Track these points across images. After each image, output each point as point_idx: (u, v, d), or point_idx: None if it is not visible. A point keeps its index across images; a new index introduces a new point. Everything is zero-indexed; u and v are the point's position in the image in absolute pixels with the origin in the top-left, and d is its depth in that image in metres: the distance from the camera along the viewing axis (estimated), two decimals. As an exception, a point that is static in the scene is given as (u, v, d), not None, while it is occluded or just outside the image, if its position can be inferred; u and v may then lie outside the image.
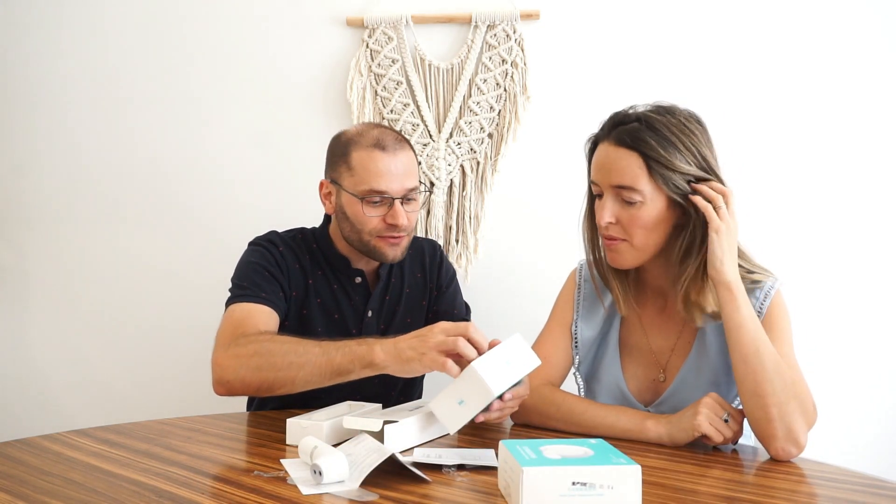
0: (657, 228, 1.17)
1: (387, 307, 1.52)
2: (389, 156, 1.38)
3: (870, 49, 1.83)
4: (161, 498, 0.85)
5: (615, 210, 1.17)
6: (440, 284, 1.59)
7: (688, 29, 1.87)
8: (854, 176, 1.84)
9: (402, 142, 1.43)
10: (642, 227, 1.16)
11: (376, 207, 1.38)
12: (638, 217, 1.15)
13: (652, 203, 1.15)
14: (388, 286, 1.52)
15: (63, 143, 2.10)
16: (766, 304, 1.17)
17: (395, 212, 1.37)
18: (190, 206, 2.05)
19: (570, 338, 1.34)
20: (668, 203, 1.15)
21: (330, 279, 1.48)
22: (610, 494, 0.78)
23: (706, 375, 1.21)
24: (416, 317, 1.55)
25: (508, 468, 0.83)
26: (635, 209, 1.15)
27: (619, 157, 1.15)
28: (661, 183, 1.13)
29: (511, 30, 1.88)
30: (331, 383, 1.16)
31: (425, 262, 1.59)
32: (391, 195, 1.37)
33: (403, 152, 1.41)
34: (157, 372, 2.07)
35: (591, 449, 0.86)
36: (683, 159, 1.13)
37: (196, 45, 2.03)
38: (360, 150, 1.39)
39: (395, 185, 1.38)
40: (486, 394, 1.01)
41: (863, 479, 0.96)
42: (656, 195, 1.15)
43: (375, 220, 1.38)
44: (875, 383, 1.80)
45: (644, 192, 1.14)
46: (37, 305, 2.14)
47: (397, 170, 1.38)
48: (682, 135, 1.14)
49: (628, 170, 1.14)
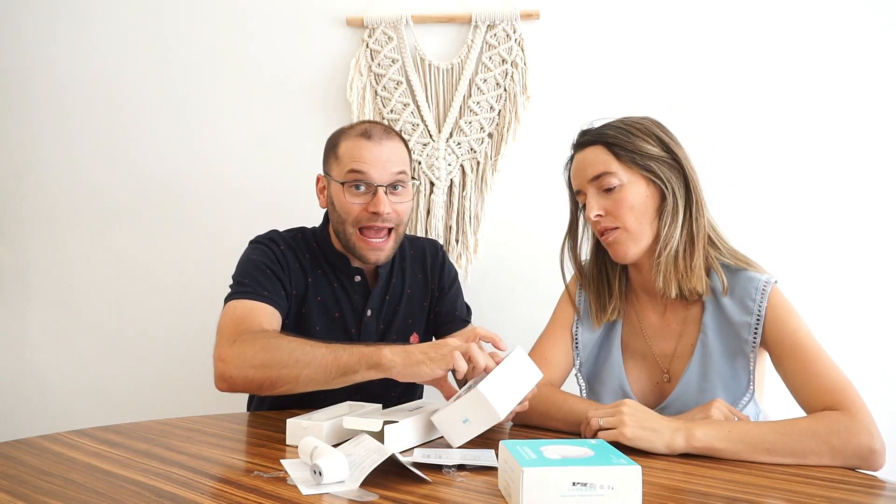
0: (644, 211, 1.22)
1: (387, 307, 1.51)
2: (374, 143, 1.39)
3: (869, 49, 1.83)
4: (161, 498, 0.85)
5: (600, 202, 1.22)
6: (442, 286, 1.59)
7: (687, 29, 1.88)
8: (853, 176, 1.84)
9: (391, 133, 1.43)
10: (629, 209, 1.21)
11: (359, 195, 1.38)
12: (622, 199, 1.21)
13: (631, 184, 1.21)
14: (388, 286, 1.52)
15: (62, 145, 2.10)
16: (765, 305, 1.17)
17: (378, 199, 1.37)
18: (190, 207, 2.05)
19: (570, 339, 1.34)
20: (646, 182, 1.21)
21: (330, 278, 1.48)
22: (610, 495, 0.78)
23: (711, 379, 1.20)
24: (417, 318, 1.55)
25: (509, 468, 0.83)
26: (617, 193, 1.21)
27: (586, 155, 1.24)
28: (631, 163, 1.21)
29: (511, 30, 1.88)
30: (335, 385, 1.16)
31: (427, 262, 1.58)
32: (373, 181, 1.37)
33: (390, 142, 1.41)
34: (157, 372, 2.07)
35: (591, 449, 0.86)
36: (644, 140, 1.22)
37: (195, 46, 2.03)
38: (347, 139, 1.41)
39: (377, 170, 1.37)
40: (493, 417, 1.01)
41: (862, 480, 0.96)
42: (632, 176, 1.21)
43: (357, 207, 1.38)
44: (874, 383, 1.79)
45: (619, 174, 1.21)
46: (37, 306, 2.14)
47: (381, 156, 1.38)
48: (636, 125, 1.23)
49: (598, 159, 1.22)
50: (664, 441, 1.00)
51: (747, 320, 1.18)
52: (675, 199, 1.21)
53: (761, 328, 1.17)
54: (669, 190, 1.21)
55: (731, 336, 1.20)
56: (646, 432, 1.02)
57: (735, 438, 1.01)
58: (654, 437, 1.01)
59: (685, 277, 1.21)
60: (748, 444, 1.00)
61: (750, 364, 1.18)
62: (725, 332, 1.20)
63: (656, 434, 1.01)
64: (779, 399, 1.22)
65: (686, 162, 1.23)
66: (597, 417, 1.07)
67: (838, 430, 1.01)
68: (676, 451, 1.01)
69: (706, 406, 1.11)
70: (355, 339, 1.48)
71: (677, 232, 1.21)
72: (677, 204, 1.21)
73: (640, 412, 1.06)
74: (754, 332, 1.17)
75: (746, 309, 1.18)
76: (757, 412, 1.23)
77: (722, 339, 1.20)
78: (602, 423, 1.06)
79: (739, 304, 1.19)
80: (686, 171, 1.22)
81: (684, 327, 1.25)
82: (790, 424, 1.03)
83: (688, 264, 1.21)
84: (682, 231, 1.21)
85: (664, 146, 1.22)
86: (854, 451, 1.00)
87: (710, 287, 1.22)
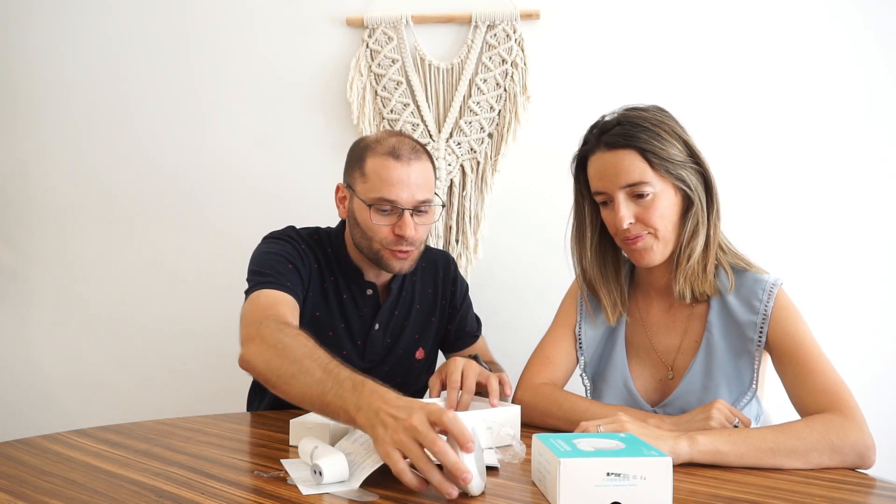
0: (672, 218, 1.21)
1: (395, 322, 1.50)
2: (403, 165, 1.35)
3: (869, 49, 1.83)
4: (161, 498, 0.85)
5: (631, 209, 1.20)
6: (454, 303, 1.58)
7: (687, 28, 1.88)
8: (851, 177, 1.84)
9: (420, 152, 1.39)
10: (661, 217, 1.19)
11: (385, 216, 1.36)
12: (655, 208, 1.19)
13: (663, 192, 1.19)
14: (398, 300, 1.50)
15: (64, 145, 2.11)
16: (771, 305, 1.18)
17: (404, 222, 1.35)
18: (190, 206, 2.05)
19: (573, 339, 1.34)
20: (675, 189, 1.20)
21: (341, 287, 1.46)
22: (642, 485, 0.81)
23: (715, 376, 1.20)
24: (425, 334, 1.54)
25: (544, 460, 0.86)
26: (649, 202, 1.19)
27: (620, 159, 1.19)
28: (664, 172, 1.18)
29: (511, 30, 1.88)
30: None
31: (438, 276, 1.57)
32: (401, 205, 1.35)
33: (419, 163, 1.37)
34: (158, 372, 2.07)
35: (622, 442, 0.89)
36: (673, 145, 1.19)
37: (197, 45, 2.03)
38: (375, 156, 1.37)
39: (406, 194, 1.35)
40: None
41: (862, 480, 0.96)
42: (664, 185, 1.19)
43: (384, 229, 1.36)
44: (874, 384, 1.79)
45: (653, 184, 1.18)
46: (38, 305, 2.14)
47: (410, 180, 1.35)
48: (662, 125, 1.20)
49: (633, 167, 1.18)
50: (668, 447, 0.99)
51: (753, 319, 1.18)
52: (700, 205, 1.20)
53: (766, 328, 1.17)
54: (696, 196, 1.20)
55: (736, 334, 1.20)
56: (649, 439, 1.02)
57: (738, 441, 1.00)
58: (659, 444, 0.99)
59: (698, 281, 1.22)
60: (751, 446, 1.00)
61: (754, 363, 1.19)
62: (730, 330, 1.21)
63: (660, 440, 1.00)
64: (779, 400, 1.21)
65: (706, 165, 1.22)
66: (595, 424, 1.04)
67: (834, 427, 1.02)
68: (681, 457, 0.99)
69: (707, 406, 1.11)
70: (360, 350, 1.47)
71: (701, 239, 1.20)
72: (702, 210, 1.21)
73: (638, 419, 1.06)
74: (760, 332, 1.17)
75: (752, 308, 1.19)
76: (759, 411, 1.23)
77: (727, 337, 1.21)
78: (602, 430, 1.05)
79: (746, 304, 1.20)
80: (707, 176, 1.22)
81: (689, 324, 1.26)
82: (789, 424, 1.04)
83: (702, 268, 1.21)
84: (705, 236, 1.21)
85: (689, 149, 1.21)
86: (851, 447, 1.01)
87: (716, 287, 1.22)
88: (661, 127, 1.19)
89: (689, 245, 1.21)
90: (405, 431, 0.84)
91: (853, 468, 1.01)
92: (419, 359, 1.54)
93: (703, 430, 1.05)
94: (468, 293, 1.64)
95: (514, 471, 0.97)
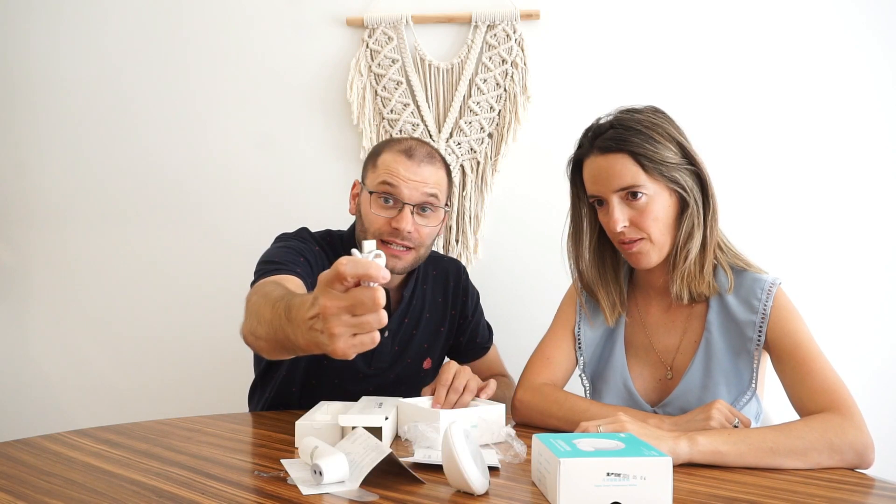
0: (667, 220, 1.21)
1: (404, 329, 1.50)
2: (413, 163, 1.36)
3: (869, 50, 1.83)
4: (161, 498, 0.85)
5: (625, 212, 1.20)
6: (465, 314, 1.58)
7: (687, 28, 1.88)
8: (849, 177, 1.84)
9: (434, 157, 1.40)
10: (655, 220, 1.19)
11: (385, 208, 1.36)
12: (649, 211, 1.19)
13: (657, 195, 1.19)
14: (408, 309, 1.50)
15: (64, 145, 2.10)
16: (770, 305, 1.18)
17: (402, 216, 1.34)
18: (190, 206, 2.05)
19: (573, 340, 1.34)
20: (669, 192, 1.20)
21: None
22: (642, 485, 0.81)
23: (714, 376, 1.20)
24: (433, 343, 1.54)
25: (544, 460, 0.86)
26: (643, 205, 1.19)
27: (612, 163, 1.20)
28: (658, 175, 1.18)
29: (511, 30, 1.88)
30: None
31: (448, 286, 1.56)
32: (402, 198, 1.35)
33: (431, 166, 1.38)
34: (158, 372, 2.07)
35: (622, 442, 0.89)
36: (667, 147, 1.19)
37: (196, 46, 2.03)
38: (389, 152, 1.39)
39: (409, 187, 1.35)
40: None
41: (862, 480, 0.96)
42: (658, 187, 1.19)
43: (381, 219, 1.36)
44: (874, 384, 1.79)
45: (647, 187, 1.18)
46: (38, 305, 2.14)
47: (416, 177, 1.36)
48: (656, 127, 1.20)
49: (625, 171, 1.19)
50: (668, 447, 0.99)
51: (752, 319, 1.18)
52: (695, 206, 1.21)
53: (765, 327, 1.17)
54: (692, 198, 1.20)
55: (735, 334, 1.20)
56: (648, 439, 1.01)
57: (738, 441, 1.00)
58: (659, 444, 0.99)
59: (696, 281, 1.22)
60: (751, 446, 1.00)
61: (754, 362, 1.19)
62: (730, 329, 1.21)
63: (660, 441, 1.00)
64: (779, 400, 1.22)
65: (702, 165, 1.22)
66: (595, 424, 1.04)
67: (833, 427, 1.02)
68: (681, 457, 0.99)
69: (707, 407, 1.11)
70: (367, 357, 1.44)
71: (697, 240, 1.21)
72: (698, 212, 1.21)
73: (638, 419, 1.06)
74: (759, 331, 1.18)
75: (751, 308, 1.19)
76: (758, 410, 1.23)
77: (726, 336, 1.21)
78: (601, 431, 1.05)
79: (745, 303, 1.20)
80: (703, 177, 1.22)
81: (688, 324, 1.26)
82: (788, 424, 1.04)
83: (699, 269, 1.22)
84: (701, 237, 1.21)
85: (683, 150, 1.20)
86: (850, 447, 1.01)
87: (715, 286, 1.23)
88: (654, 129, 1.19)
89: (686, 246, 1.21)
90: (330, 319, 0.75)
91: (852, 468, 1.01)
92: (427, 368, 1.53)
93: (702, 430, 1.05)
94: (479, 301, 1.63)
95: (514, 471, 0.98)
